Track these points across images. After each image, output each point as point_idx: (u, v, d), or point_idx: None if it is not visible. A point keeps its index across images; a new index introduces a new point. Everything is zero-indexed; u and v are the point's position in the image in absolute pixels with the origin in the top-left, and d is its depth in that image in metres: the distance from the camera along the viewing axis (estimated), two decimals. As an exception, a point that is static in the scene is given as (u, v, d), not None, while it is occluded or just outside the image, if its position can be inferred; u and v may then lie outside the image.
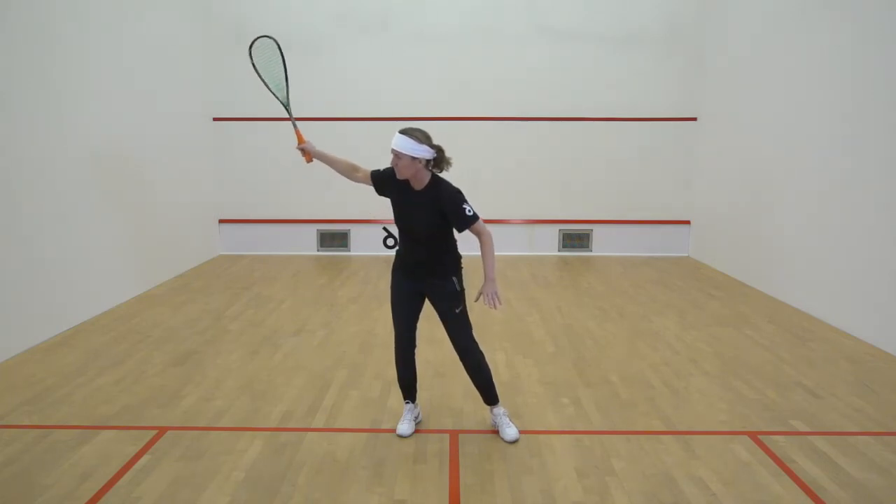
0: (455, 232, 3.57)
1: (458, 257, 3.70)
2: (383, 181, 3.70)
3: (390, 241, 9.29)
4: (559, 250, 9.32)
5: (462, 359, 3.71)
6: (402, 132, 3.43)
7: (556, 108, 9.04)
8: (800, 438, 3.79)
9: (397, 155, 3.42)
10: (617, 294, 7.13)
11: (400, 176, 3.51)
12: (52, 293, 5.52)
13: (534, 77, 8.95)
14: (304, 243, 9.34)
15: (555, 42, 8.89)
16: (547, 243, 9.33)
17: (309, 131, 9.59)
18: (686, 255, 9.27)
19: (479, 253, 3.55)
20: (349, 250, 9.32)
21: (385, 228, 9.26)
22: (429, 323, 3.86)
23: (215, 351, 5.24)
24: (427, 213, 3.50)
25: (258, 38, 4.20)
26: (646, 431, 3.87)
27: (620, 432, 3.86)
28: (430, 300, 3.70)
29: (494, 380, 3.82)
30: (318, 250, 9.35)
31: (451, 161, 3.56)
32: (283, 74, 4.14)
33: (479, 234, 3.52)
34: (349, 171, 3.89)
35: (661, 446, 3.68)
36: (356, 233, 9.29)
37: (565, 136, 9.09)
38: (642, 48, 8.89)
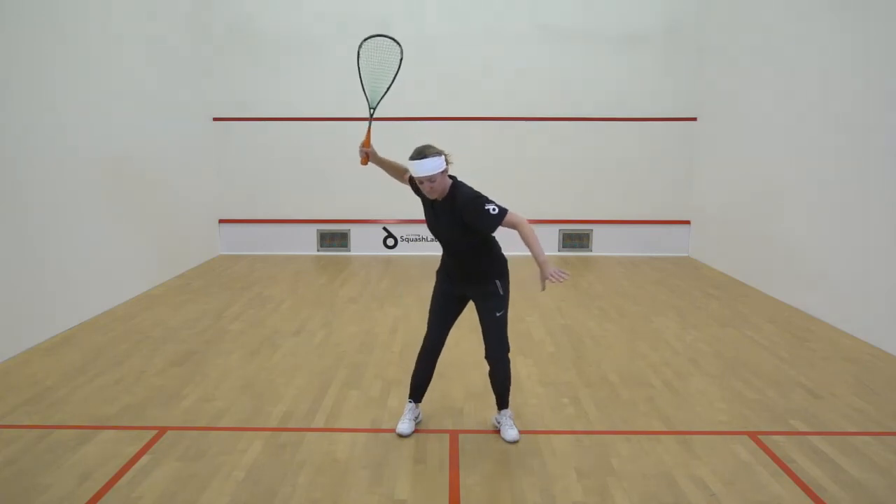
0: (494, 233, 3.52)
1: (503, 260, 3.66)
2: (417, 191, 3.70)
3: (390, 241, 9.30)
4: (559, 250, 9.32)
5: (492, 363, 3.67)
6: (421, 157, 3.32)
7: (557, 108, 9.04)
8: (800, 438, 3.79)
9: (430, 179, 3.34)
10: (617, 294, 7.12)
11: (434, 196, 3.43)
12: (52, 293, 5.52)
13: (534, 77, 8.95)
14: (304, 243, 9.33)
15: (555, 42, 8.89)
16: (547, 243, 9.32)
17: (311, 131, 9.61)
18: (686, 255, 9.27)
19: (521, 252, 3.53)
20: (349, 250, 9.32)
21: (385, 228, 9.27)
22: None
23: (215, 351, 5.24)
24: (450, 223, 3.47)
25: (388, 38, 4.01)
26: (646, 431, 3.87)
27: (620, 432, 3.86)
28: (476, 307, 3.67)
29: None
30: (318, 250, 9.35)
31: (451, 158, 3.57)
32: (389, 83, 4.00)
33: (514, 227, 3.39)
34: (402, 175, 3.83)
35: (661, 446, 3.68)
36: (356, 233, 9.28)
37: (565, 136, 9.09)
38: (642, 48, 8.89)
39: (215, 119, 9.02)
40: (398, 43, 4.01)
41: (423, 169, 3.32)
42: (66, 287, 5.71)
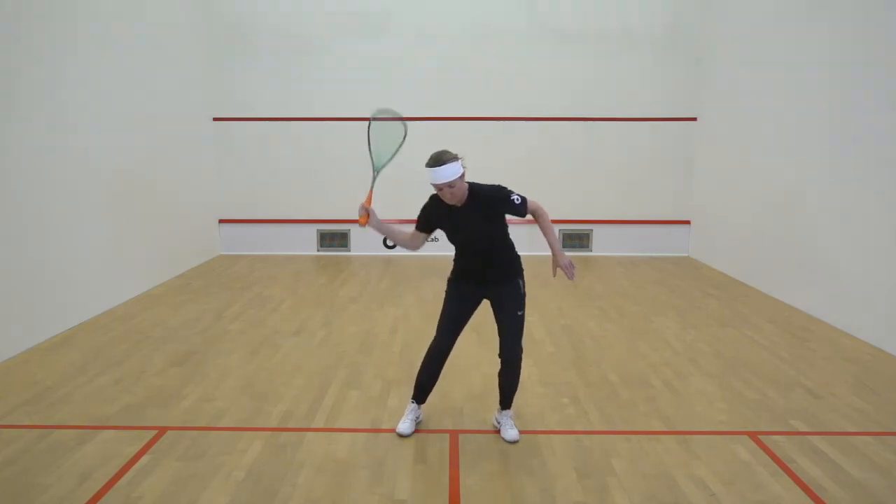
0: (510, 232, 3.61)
1: (519, 258, 3.68)
2: (429, 221, 3.60)
3: (390, 241, 9.28)
4: (559, 250, 9.30)
5: (507, 361, 3.66)
6: (437, 163, 3.31)
7: (556, 108, 9.04)
8: (800, 438, 3.79)
9: (450, 185, 3.34)
10: (617, 294, 7.12)
11: (455, 202, 3.43)
12: (52, 293, 5.52)
13: (534, 77, 8.95)
14: (304, 243, 9.34)
15: (555, 42, 8.89)
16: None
17: (310, 131, 9.61)
18: (686, 255, 9.27)
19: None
20: (349, 250, 9.32)
21: (385, 228, 9.25)
22: (433, 324, 3.86)
23: (215, 351, 5.24)
24: (476, 222, 3.48)
25: (397, 120, 3.83)
26: (646, 431, 3.87)
27: (620, 432, 3.86)
28: (493, 304, 3.66)
29: (495, 380, 3.82)
30: (318, 250, 9.35)
31: None
32: (393, 151, 3.90)
33: (534, 212, 3.53)
34: (412, 242, 3.67)
35: (661, 446, 3.68)
36: (356, 233, 9.28)
37: (565, 136, 9.09)
38: (642, 48, 8.89)
39: (215, 119, 9.02)
40: (405, 124, 3.83)
41: (443, 175, 3.32)
42: (66, 287, 5.71)
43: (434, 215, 3.59)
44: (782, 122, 6.87)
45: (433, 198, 3.59)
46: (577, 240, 9.35)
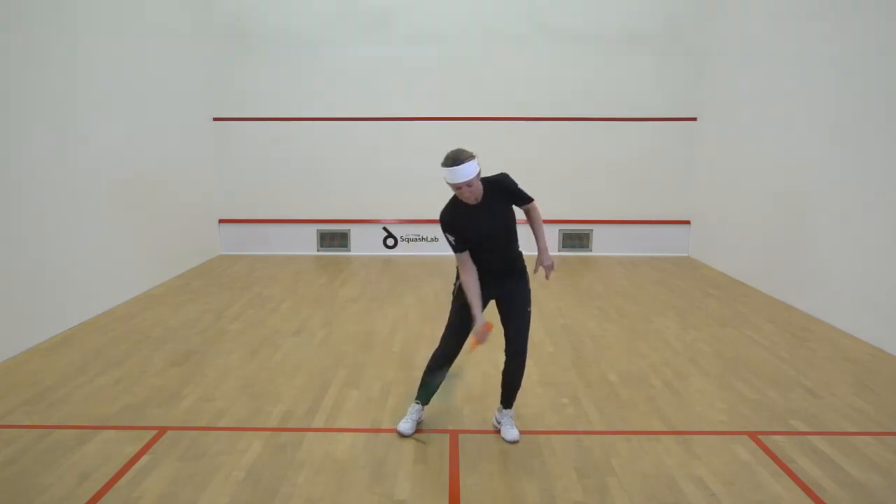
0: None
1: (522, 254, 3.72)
2: (462, 231, 3.50)
3: (390, 241, 9.29)
4: (559, 250, 9.31)
5: (513, 359, 3.65)
6: (455, 162, 3.28)
7: (557, 108, 9.03)
8: (800, 438, 3.79)
9: (468, 184, 3.34)
10: (617, 294, 7.12)
11: (474, 200, 3.43)
12: (52, 293, 5.52)
13: (534, 77, 8.95)
14: (304, 243, 9.33)
15: (555, 42, 8.89)
16: (547, 243, 9.31)
17: (311, 131, 9.59)
18: (686, 255, 9.27)
19: (529, 251, 3.63)
20: (349, 250, 9.32)
21: (385, 228, 9.26)
22: (433, 324, 3.86)
23: (215, 351, 5.24)
24: (497, 216, 3.51)
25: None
26: (646, 431, 3.87)
27: (620, 432, 3.86)
28: (503, 302, 3.65)
29: (495, 380, 3.82)
30: (318, 250, 9.35)
31: None
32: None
33: (531, 208, 3.71)
34: (473, 268, 3.56)
35: (661, 446, 3.68)
36: (356, 233, 9.28)
37: (565, 136, 9.09)
38: (642, 48, 8.89)
39: (215, 119, 9.02)
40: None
41: (461, 174, 3.30)
42: (66, 287, 5.71)
43: (462, 224, 3.49)
44: (782, 121, 6.87)
45: (448, 212, 3.52)
46: (577, 240, 9.34)
